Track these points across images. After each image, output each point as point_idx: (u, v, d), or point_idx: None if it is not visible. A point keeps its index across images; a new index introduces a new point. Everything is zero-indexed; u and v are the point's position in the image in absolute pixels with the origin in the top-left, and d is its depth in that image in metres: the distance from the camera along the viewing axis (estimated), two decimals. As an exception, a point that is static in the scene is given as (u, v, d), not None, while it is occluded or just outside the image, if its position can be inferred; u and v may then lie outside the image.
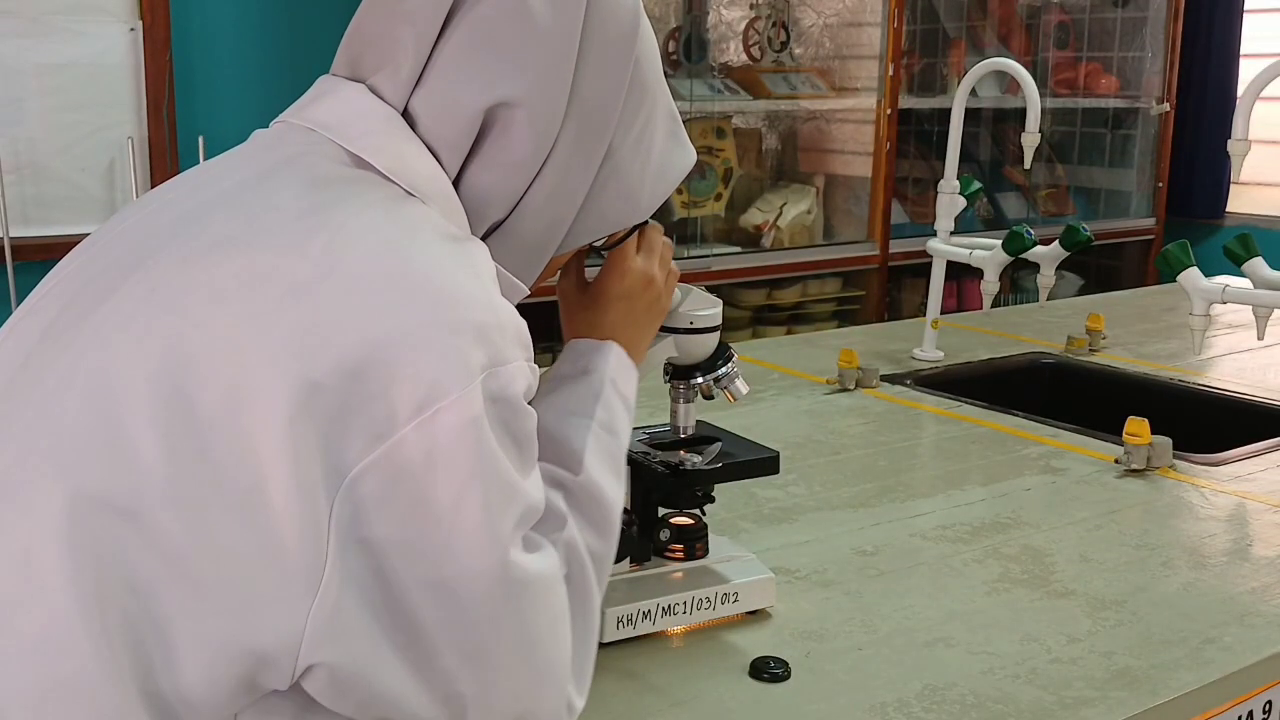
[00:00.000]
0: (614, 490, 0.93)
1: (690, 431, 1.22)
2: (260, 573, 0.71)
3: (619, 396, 0.98)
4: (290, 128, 0.88)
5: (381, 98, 0.85)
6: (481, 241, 0.85)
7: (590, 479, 0.90)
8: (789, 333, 3.75)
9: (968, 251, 2.27)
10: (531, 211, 0.89)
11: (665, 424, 1.23)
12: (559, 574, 0.82)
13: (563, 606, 0.82)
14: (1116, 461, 1.73)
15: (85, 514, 0.70)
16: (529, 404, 0.80)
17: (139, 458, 0.71)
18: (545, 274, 0.95)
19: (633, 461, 1.10)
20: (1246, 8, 4.75)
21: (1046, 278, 2.24)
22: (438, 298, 0.76)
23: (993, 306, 2.36)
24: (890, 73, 3.96)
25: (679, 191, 3.66)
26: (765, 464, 1.23)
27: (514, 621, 0.78)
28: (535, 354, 0.82)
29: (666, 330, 1.16)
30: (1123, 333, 2.58)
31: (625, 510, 1.01)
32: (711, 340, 1.18)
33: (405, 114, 0.85)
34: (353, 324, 0.73)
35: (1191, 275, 1.88)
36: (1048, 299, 2.34)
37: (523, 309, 0.84)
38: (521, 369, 0.78)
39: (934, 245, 2.33)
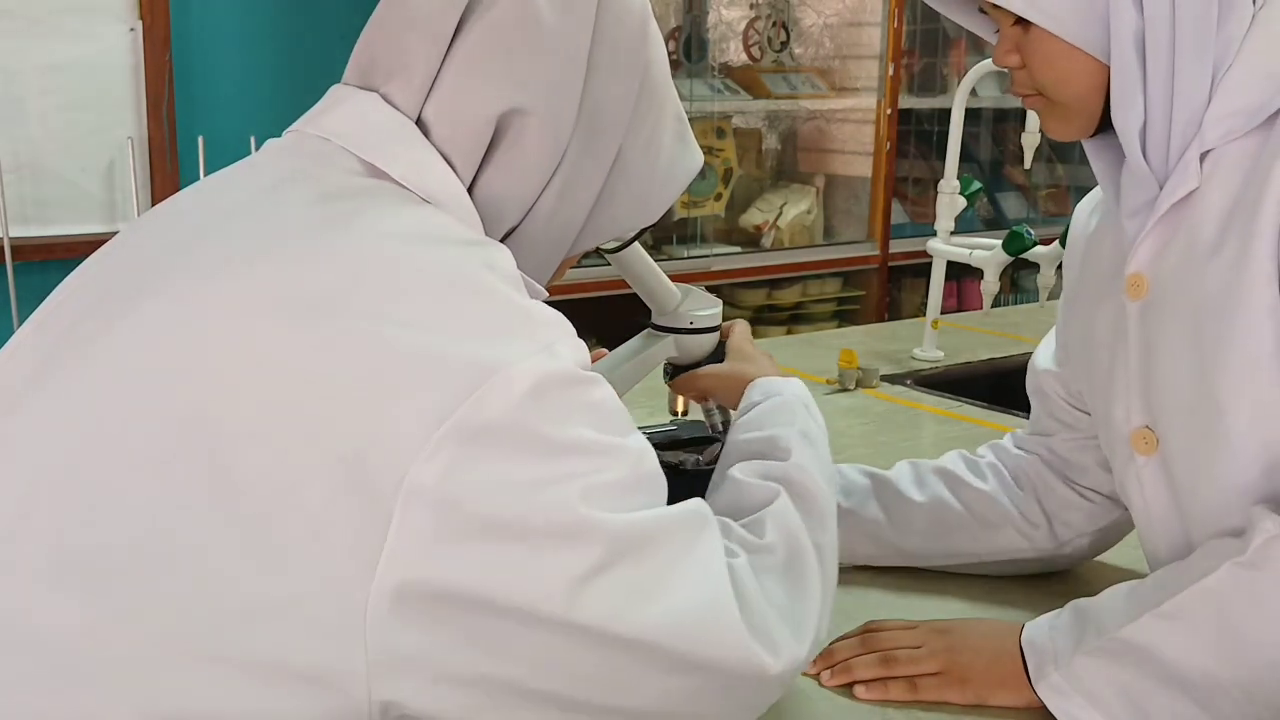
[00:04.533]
0: (826, 484, 0.96)
1: (722, 427, 1.23)
2: (304, 601, 0.67)
3: (812, 416, 1.05)
4: (303, 137, 0.87)
5: (394, 107, 0.84)
6: (502, 245, 0.84)
7: (798, 464, 0.96)
8: (789, 333, 3.75)
9: (968, 251, 2.27)
10: (544, 216, 0.88)
11: (665, 424, 1.23)
12: (700, 523, 0.81)
13: (707, 551, 0.80)
14: (1117, 461, 1.72)
15: (102, 537, 0.68)
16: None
17: (158, 482, 0.68)
18: (555, 275, 0.95)
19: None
20: (1246, 8, 4.74)
21: (1046, 278, 2.23)
22: (464, 303, 0.74)
23: (993, 306, 2.36)
24: (890, 73, 3.96)
25: (679, 191, 3.66)
26: (765, 464, 1.22)
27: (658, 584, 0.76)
28: None
29: (666, 330, 1.16)
30: (1123, 333, 2.57)
31: None
32: (711, 340, 1.19)
33: (418, 123, 0.85)
34: (380, 335, 0.71)
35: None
36: (1048, 299, 2.34)
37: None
38: (561, 347, 0.75)
39: (934, 245, 2.33)
